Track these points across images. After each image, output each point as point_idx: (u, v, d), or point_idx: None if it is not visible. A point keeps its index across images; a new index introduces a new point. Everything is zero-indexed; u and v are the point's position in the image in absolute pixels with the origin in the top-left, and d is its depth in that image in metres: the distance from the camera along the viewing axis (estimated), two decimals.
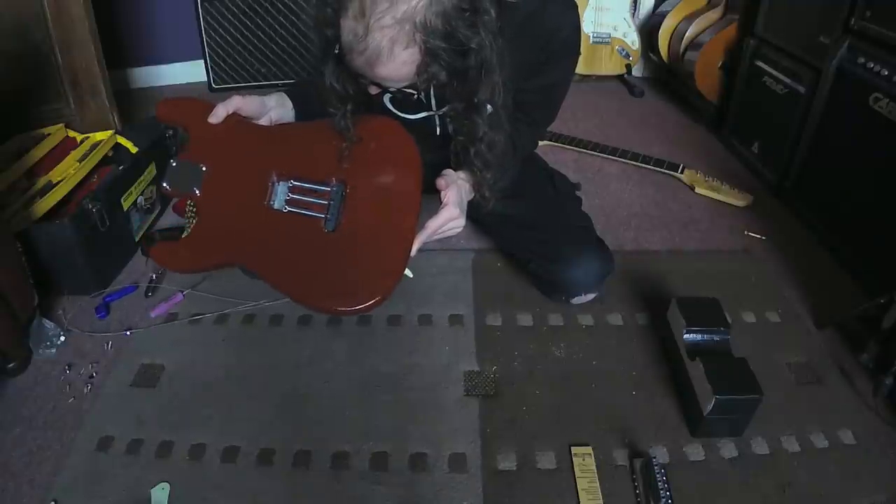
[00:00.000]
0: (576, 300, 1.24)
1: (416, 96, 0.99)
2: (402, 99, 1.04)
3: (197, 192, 0.95)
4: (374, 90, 0.89)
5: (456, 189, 0.97)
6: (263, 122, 1.01)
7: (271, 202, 0.94)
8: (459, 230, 0.99)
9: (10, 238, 1.12)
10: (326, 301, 0.91)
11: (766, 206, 1.65)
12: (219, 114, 0.96)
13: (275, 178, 0.95)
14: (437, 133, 1.11)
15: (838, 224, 1.44)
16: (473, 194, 1.02)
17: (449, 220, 0.95)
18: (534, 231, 1.21)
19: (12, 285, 1.09)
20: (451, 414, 1.04)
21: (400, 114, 1.07)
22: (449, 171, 1.00)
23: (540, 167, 1.31)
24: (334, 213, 0.93)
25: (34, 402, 1.06)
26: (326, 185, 0.94)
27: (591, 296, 1.24)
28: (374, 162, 0.96)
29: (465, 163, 0.97)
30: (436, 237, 0.97)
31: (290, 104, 1.05)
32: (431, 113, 1.07)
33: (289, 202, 0.94)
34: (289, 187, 0.94)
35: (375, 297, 0.87)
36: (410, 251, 0.91)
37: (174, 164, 0.96)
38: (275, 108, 1.02)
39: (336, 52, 0.82)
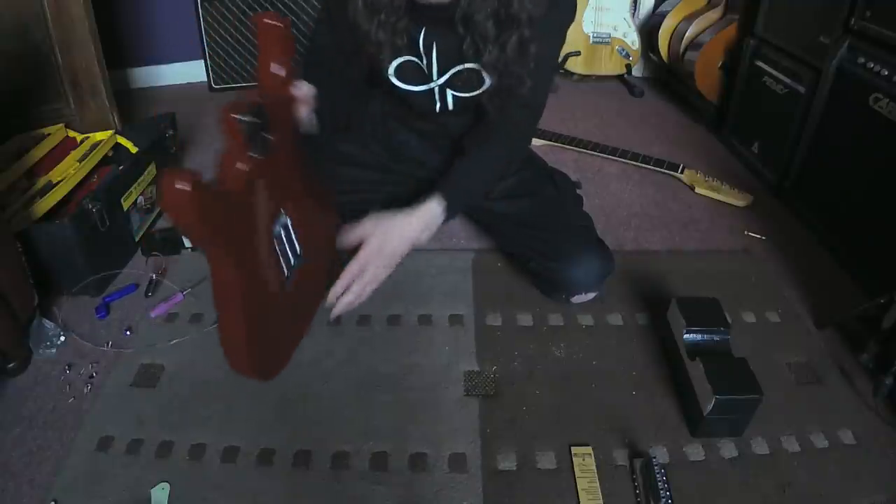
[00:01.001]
0: (576, 299, 1.24)
1: (423, 63, 1.03)
2: (406, 69, 1.06)
3: (254, 158, 0.79)
4: None
5: (372, 243, 0.96)
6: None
7: (274, 222, 0.93)
8: (385, 274, 1.00)
9: (10, 238, 1.12)
10: (232, 349, 0.92)
11: (766, 206, 1.65)
12: (302, 89, 0.88)
13: (284, 208, 0.94)
14: (437, 109, 1.12)
15: (838, 224, 1.44)
16: (435, 223, 1.03)
17: (352, 276, 0.96)
18: (534, 230, 1.21)
19: (12, 285, 1.09)
20: (451, 414, 1.04)
21: (403, 86, 1.10)
22: (374, 219, 0.99)
23: (539, 166, 1.32)
24: (291, 275, 0.97)
25: (34, 402, 1.06)
26: (300, 249, 0.99)
27: (591, 295, 1.24)
28: (321, 251, 1.05)
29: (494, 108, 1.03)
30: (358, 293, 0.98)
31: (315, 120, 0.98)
32: (432, 85, 1.08)
33: (276, 235, 0.94)
34: (283, 224, 0.95)
35: (256, 377, 0.98)
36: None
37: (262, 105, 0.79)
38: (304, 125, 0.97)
39: None
